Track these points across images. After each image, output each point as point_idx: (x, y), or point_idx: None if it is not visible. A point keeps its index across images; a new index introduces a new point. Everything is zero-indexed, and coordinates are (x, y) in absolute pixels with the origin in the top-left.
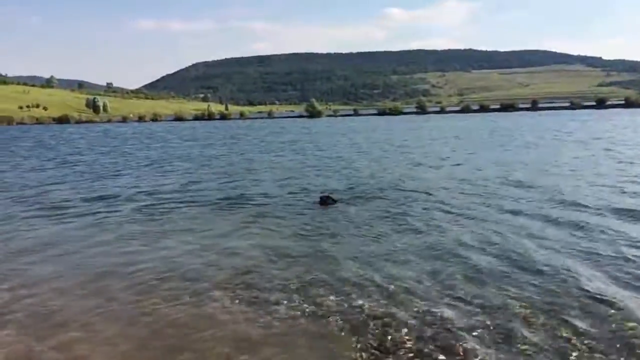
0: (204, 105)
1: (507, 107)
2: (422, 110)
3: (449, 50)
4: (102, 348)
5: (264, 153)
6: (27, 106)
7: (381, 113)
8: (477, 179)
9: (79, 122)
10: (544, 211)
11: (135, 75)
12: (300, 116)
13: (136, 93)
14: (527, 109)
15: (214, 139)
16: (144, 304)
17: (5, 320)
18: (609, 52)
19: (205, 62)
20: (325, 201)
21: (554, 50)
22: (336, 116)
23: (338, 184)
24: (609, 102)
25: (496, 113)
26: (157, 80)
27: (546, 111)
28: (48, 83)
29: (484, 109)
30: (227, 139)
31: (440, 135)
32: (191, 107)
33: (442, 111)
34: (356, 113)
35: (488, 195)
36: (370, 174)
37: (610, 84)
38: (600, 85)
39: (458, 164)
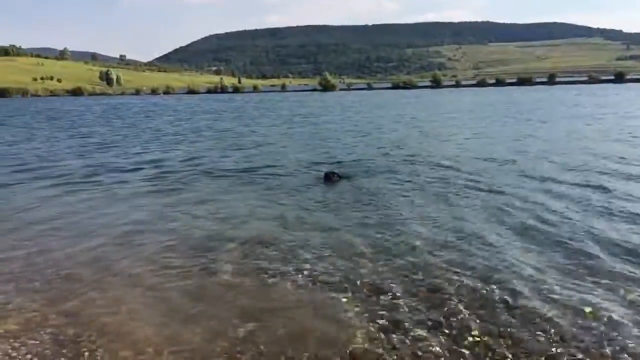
0: (216, 79)
1: (524, 81)
2: (437, 84)
3: (466, 22)
4: (108, 313)
5: (273, 126)
6: (41, 78)
7: (395, 87)
8: (456, 155)
9: (92, 94)
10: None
11: (149, 47)
12: (314, 90)
13: (149, 66)
14: (543, 83)
15: (226, 112)
16: (152, 274)
17: (20, 287)
18: (629, 25)
19: (218, 34)
20: (331, 177)
21: (573, 22)
22: (350, 89)
23: (342, 158)
24: (628, 77)
25: (512, 87)
26: (170, 53)
27: (563, 85)
28: (61, 55)
29: (500, 82)
30: (239, 112)
31: (439, 111)
32: (204, 80)
33: (457, 85)
34: (370, 87)
35: (464, 172)
36: (378, 148)
37: (631, 57)
38: (619, 59)
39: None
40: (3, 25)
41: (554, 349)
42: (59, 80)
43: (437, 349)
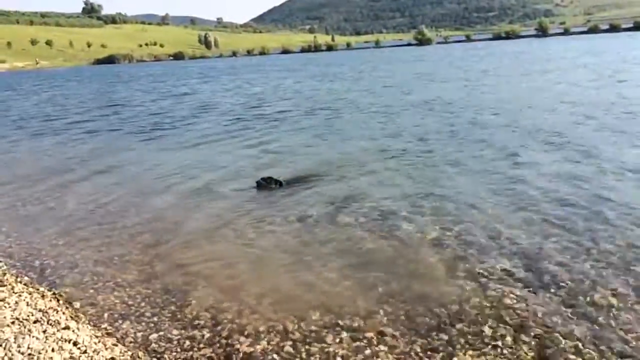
0: (310, 37)
1: None
2: (543, 32)
3: None
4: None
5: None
6: (146, 44)
7: (496, 38)
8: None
9: (193, 57)
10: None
11: (244, 9)
12: (409, 44)
13: (245, 27)
14: None
15: (308, 72)
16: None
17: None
18: None
19: None
20: (266, 185)
21: None
22: (447, 43)
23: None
24: None
25: (629, 33)
26: (265, 13)
27: None
28: (163, 21)
29: (614, 28)
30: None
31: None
32: (298, 39)
33: (565, 33)
34: (468, 39)
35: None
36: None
37: None
38: None
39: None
40: None
41: None
42: (161, 45)
43: None
